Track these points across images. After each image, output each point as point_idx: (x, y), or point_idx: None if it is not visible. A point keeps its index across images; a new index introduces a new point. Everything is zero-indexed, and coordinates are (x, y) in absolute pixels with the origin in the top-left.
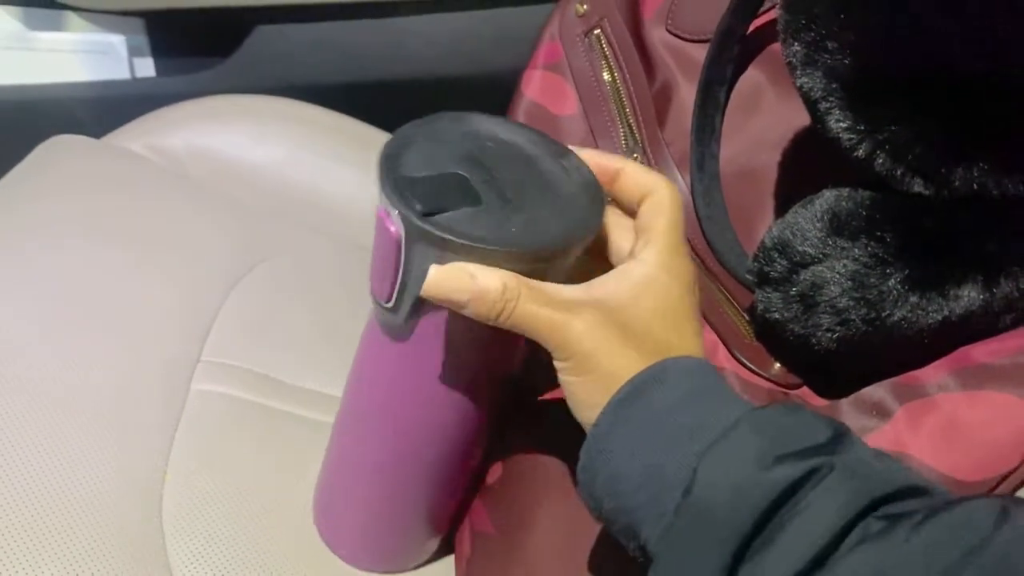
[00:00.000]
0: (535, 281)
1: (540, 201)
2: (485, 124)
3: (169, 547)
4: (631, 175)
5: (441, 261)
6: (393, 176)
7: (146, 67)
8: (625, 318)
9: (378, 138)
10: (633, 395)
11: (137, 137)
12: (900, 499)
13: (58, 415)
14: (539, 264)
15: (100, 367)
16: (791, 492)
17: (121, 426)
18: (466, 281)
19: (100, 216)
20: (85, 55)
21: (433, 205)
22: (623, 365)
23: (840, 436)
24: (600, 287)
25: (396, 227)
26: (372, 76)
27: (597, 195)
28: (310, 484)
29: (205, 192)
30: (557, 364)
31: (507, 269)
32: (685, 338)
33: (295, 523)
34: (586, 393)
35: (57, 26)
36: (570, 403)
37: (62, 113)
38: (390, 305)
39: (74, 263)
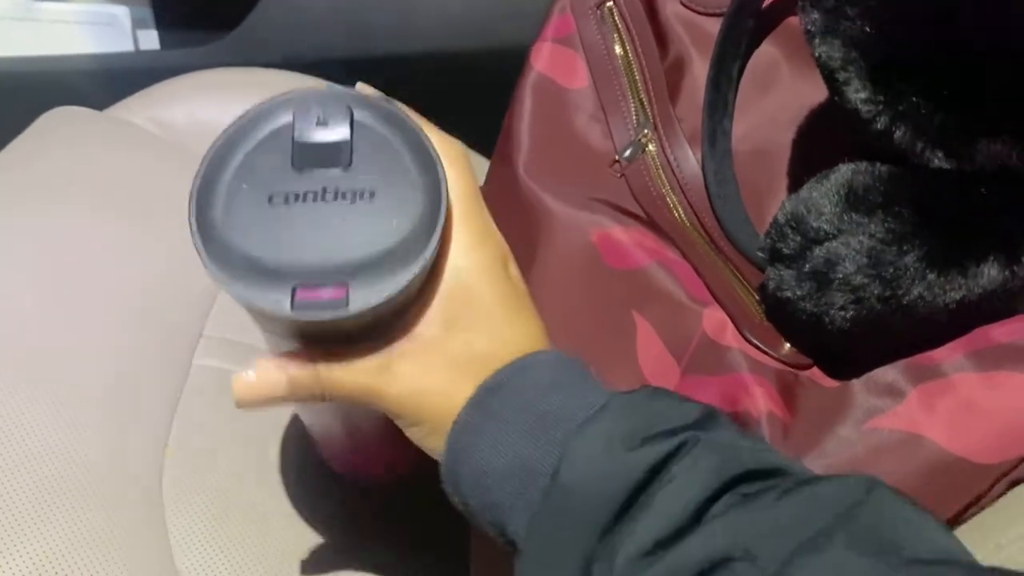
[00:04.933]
0: (340, 353)
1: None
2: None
3: (168, 520)
4: None
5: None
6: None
7: (150, 39)
8: (444, 350)
9: None
10: (495, 389)
11: (140, 110)
12: (768, 476)
13: (59, 387)
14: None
15: (101, 340)
16: (657, 470)
17: (123, 399)
18: (273, 384)
19: (102, 188)
20: (89, 27)
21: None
22: (457, 403)
23: (708, 416)
24: (412, 319)
25: None
26: (380, 50)
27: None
28: (309, 459)
29: None
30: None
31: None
32: (517, 330)
33: (294, 496)
34: (430, 440)
35: None
36: (422, 448)
37: (65, 85)
38: None
39: (75, 235)
